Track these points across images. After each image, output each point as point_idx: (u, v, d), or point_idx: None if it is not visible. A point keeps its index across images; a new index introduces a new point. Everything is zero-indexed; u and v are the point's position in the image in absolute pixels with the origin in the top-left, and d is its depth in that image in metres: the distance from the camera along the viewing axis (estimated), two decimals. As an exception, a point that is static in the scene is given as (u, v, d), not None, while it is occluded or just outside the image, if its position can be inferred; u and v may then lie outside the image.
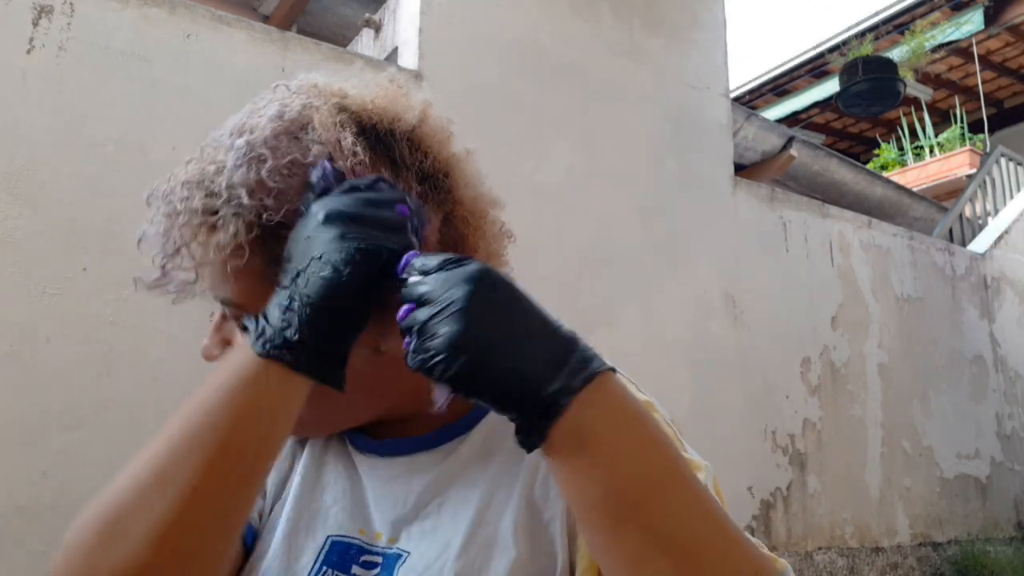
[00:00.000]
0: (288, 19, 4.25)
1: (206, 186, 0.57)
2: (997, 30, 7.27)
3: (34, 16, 1.91)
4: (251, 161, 0.56)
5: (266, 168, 0.55)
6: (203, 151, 0.63)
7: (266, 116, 0.59)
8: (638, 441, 0.47)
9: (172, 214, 0.58)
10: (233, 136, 0.60)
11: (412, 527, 0.59)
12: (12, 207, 1.80)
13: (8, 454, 1.70)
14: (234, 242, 0.53)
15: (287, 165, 0.55)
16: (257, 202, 0.54)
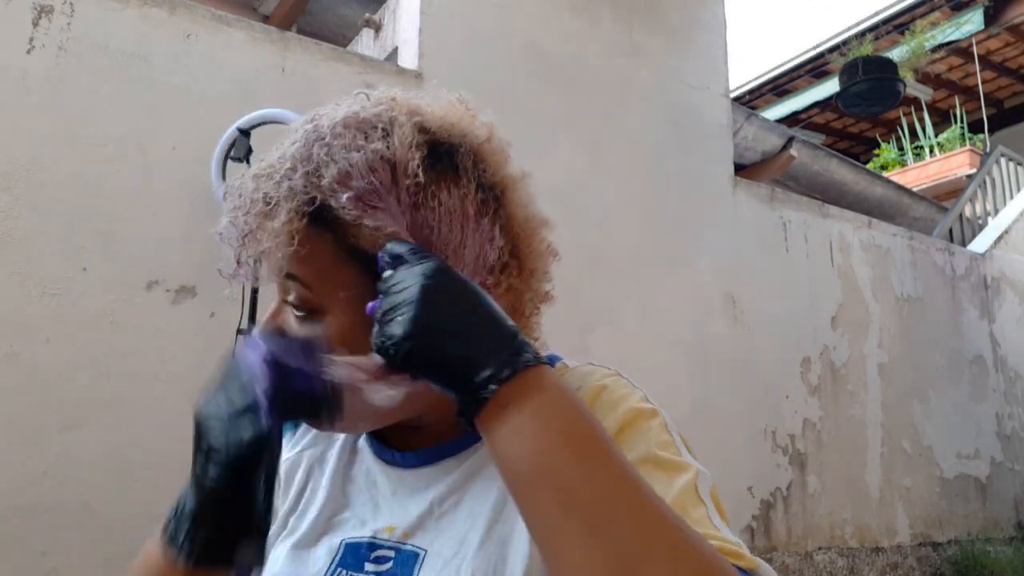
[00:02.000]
0: (288, 19, 4.25)
1: (269, 174, 0.57)
2: (997, 30, 7.27)
3: (34, 16, 1.91)
4: (311, 143, 0.56)
5: (324, 152, 0.56)
6: (279, 147, 0.61)
7: (340, 112, 0.59)
8: (557, 425, 0.47)
9: (239, 206, 0.59)
10: (303, 124, 0.59)
11: (428, 524, 0.60)
12: (12, 207, 1.80)
13: (8, 454, 1.70)
14: (287, 228, 0.55)
15: (349, 153, 0.56)
16: (311, 185, 0.55)
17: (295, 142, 0.58)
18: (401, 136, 0.56)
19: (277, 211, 0.55)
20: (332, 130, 0.56)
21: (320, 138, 0.56)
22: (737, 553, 0.47)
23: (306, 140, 0.57)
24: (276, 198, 0.56)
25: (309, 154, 0.56)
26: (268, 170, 0.58)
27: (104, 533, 1.76)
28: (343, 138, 0.56)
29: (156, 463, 1.83)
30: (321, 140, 0.56)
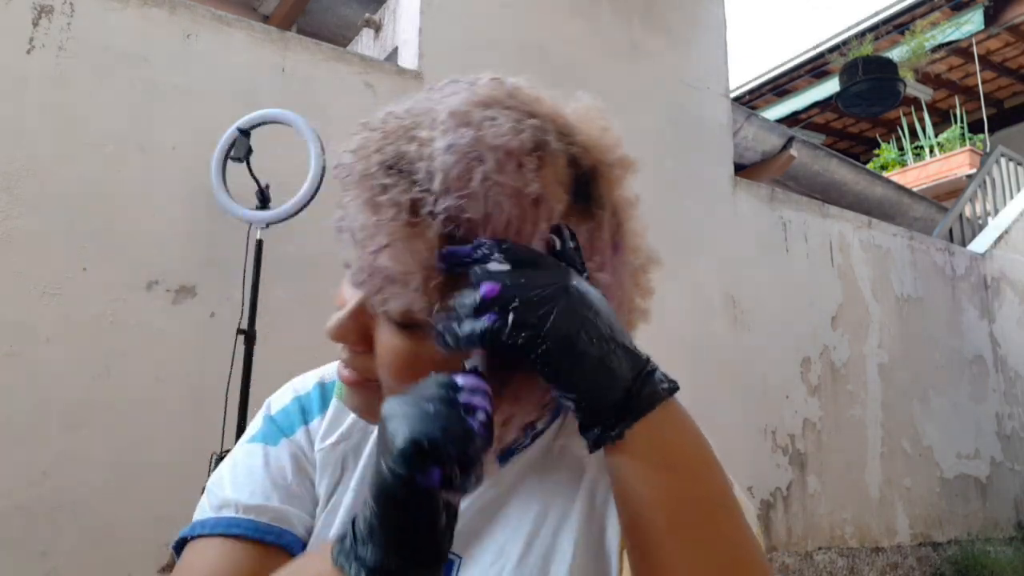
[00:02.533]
0: (288, 19, 4.25)
1: (408, 174, 0.48)
2: (997, 30, 7.27)
3: (34, 16, 1.91)
4: (471, 163, 0.47)
5: (482, 180, 0.47)
6: (392, 118, 0.52)
7: (500, 124, 0.49)
8: (704, 460, 0.49)
9: (371, 203, 0.49)
10: (451, 121, 0.50)
11: (463, 531, 0.58)
12: (12, 207, 1.80)
13: (8, 454, 1.70)
14: (432, 248, 0.47)
15: (504, 198, 0.48)
16: (460, 218, 0.47)
17: (452, 148, 0.48)
18: (554, 173, 0.50)
19: (424, 229, 0.47)
20: (495, 157, 0.48)
21: (480, 160, 0.47)
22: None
23: (466, 158, 0.47)
24: (424, 215, 0.47)
25: (469, 177, 0.47)
26: (397, 158, 0.49)
27: (104, 533, 1.76)
28: (503, 172, 0.48)
29: (156, 463, 1.83)
30: (480, 163, 0.47)
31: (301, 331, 2.05)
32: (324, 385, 0.68)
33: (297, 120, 1.86)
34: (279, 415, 0.66)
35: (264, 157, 1.91)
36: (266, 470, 0.61)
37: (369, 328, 0.53)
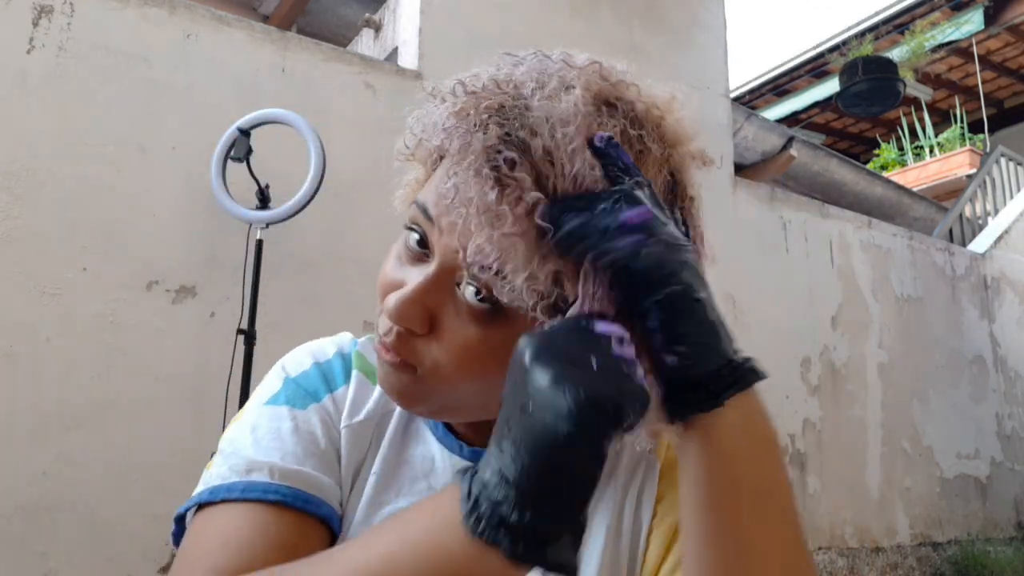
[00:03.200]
0: (288, 19, 4.25)
1: (507, 124, 0.46)
2: (997, 30, 7.27)
3: (34, 16, 1.91)
4: (562, 122, 0.45)
5: (574, 138, 0.45)
6: (498, 73, 0.50)
7: (581, 84, 0.48)
8: (779, 450, 0.48)
9: (493, 181, 0.45)
10: (547, 80, 0.48)
11: None
12: (12, 207, 1.80)
13: (8, 454, 1.70)
14: (526, 210, 0.44)
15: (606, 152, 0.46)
16: (544, 170, 0.45)
17: (554, 95, 0.46)
18: (657, 173, 0.53)
19: (523, 189, 0.44)
20: (593, 112, 0.47)
21: (586, 124, 0.46)
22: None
23: (567, 111, 0.46)
24: (523, 174, 0.44)
25: (571, 133, 0.45)
26: (532, 152, 0.45)
27: (104, 533, 1.76)
28: (603, 127, 0.47)
29: (156, 463, 1.83)
30: (587, 125, 0.46)
31: (301, 331, 2.05)
32: (344, 355, 0.64)
33: (297, 120, 1.86)
34: (301, 378, 0.61)
35: (264, 157, 1.91)
36: (296, 435, 0.56)
37: (434, 311, 0.49)
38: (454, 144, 0.46)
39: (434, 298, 0.48)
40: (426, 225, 0.49)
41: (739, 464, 0.44)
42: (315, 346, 0.65)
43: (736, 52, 3.94)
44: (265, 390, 0.61)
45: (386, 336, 0.51)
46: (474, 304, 0.47)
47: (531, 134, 0.45)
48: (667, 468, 0.58)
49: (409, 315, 0.48)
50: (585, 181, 0.45)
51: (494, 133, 0.45)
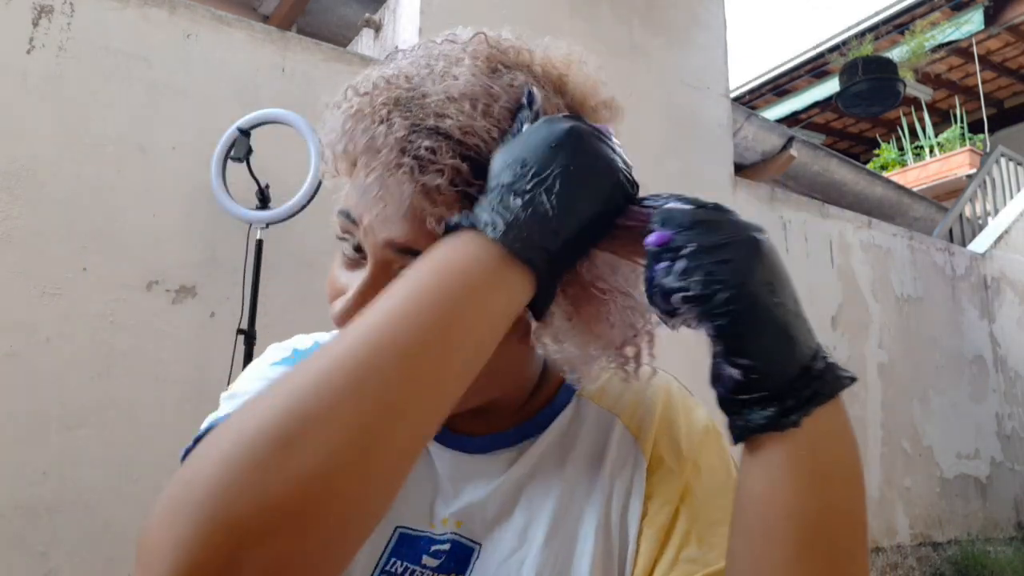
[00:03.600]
0: (288, 19, 4.25)
1: (411, 115, 0.46)
2: (997, 30, 7.27)
3: (34, 16, 1.91)
4: (463, 97, 0.47)
5: (480, 107, 0.47)
6: (385, 70, 0.51)
7: (468, 55, 0.51)
8: (857, 474, 0.43)
9: (373, 143, 0.46)
10: (435, 64, 0.50)
11: (484, 516, 0.57)
12: (12, 207, 1.80)
13: (8, 454, 1.70)
14: (437, 184, 0.45)
15: (502, 106, 0.48)
16: (469, 143, 0.46)
17: (430, 77, 0.49)
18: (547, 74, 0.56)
19: (429, 166, 0.45)
20: (477, 79, 0.50)
21: (470, 95, 0.48)
22: None
23: (447, 87, 0.48)
24: (429, 151, 0.45)
25: (460, 105, 0.47)
26: (396, 101, 0.47)
27: (104, 533, 1.76)
28: (492, 90, 0.49)
29: (156, 463, 1.83)
30: (471, 97, 0.48)
31: (301, 331, 2.05)
32: (304, 351, 0.64)
33: (297, 120, 1.86)
34: (295, 354, 0.61)
35: (264, 157, 1.91)
36: None
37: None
38: (358, 144, 0.47)
39: (373, 296, 0.48)
40: (353, 229, 0.50)
41: (798, 494, 0.40)
42: (295, 338, 0.66)
43: (736, 52, 3.94)
44: (273, 354, 0.62)
45: None
46: None
47: (439, 117, 0.46)
48: (655, 465, 0.57)
49: (351, 316, 0.48)
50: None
51: (399, 125, 0.45)
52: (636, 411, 0.60)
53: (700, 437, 0.59)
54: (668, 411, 0.60)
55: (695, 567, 0.52)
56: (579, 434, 0.59)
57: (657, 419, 0.59)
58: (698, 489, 0.56)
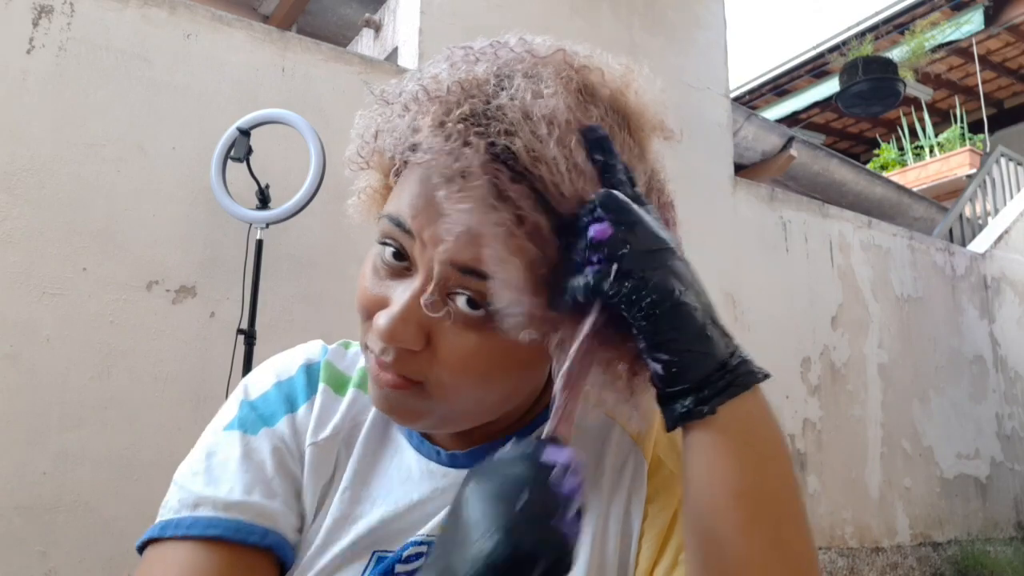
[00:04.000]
0: (288, 19, 4.25)
1: (499, 142, 0.44)
2: (997, 30, 7.27)
3: (34, 16, 1.91)
4: (564, 123, 0.45)
5: (571, 141, 0.46)
6: (457, 71, 0.49)
7: (552, 75, 0.48)
8: (784, 456, 0.47)
9: (455, 166, 0.44)
10: (523, 83, 0.47)
11: None
12: (12, 207, 1.80)
13: (8, 454, 1.70)
14: (527, 229, 0.44)
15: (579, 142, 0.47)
16: (563, 173, 0.45)
17: (524, 98, 0.46)
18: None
19: (520, 199, 0.44)
20: (572, 113, 0.48)
21: (565, 126, 0.47)
22: None
23: (544, 115, 0.46)
24: (520, 189, 0.44)
25: (559, 138, 0.46)
26: (473, 113, 0.45)
27: (104, 533, 1.76)
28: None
29: (156, 463, 1.83)
30: (567, 129, 0.47)
31: (301, 331, 2.05)
32: (311, 367, 0.62)
33: (297, 120, 1.86)
34: (259, 401, 0.60)
35: (264, 157, 1.91)
36: (245, 462, 0.55)
37: (427, 324, 0.47)
38: (439, 161, 0.44)
39: (425, 312, 0.47)
40: (403, 238, 0.48)
41: (734, 472, 0.44)
42: (280, 362, 0.64)
43: (736, 52, 3.94)
44: (223, 414, 0.61)
45: (383, 356, 0.49)
46: (468, 313, 0.47)
47: (508, 135, 0.44)
48: (655, 466, 0.57)
49: (403, 334, 0.47)
50: (579, 183, 0.45)
51: (480, 146, 0.44)
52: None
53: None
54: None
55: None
56: (576, 437, 0.58)
57: (656, 419, 0.58)
58: None
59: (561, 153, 0.45)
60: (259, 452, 0.56)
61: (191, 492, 0.54)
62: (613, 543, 0.54)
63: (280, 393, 0.60)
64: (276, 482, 0.55)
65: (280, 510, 0.54)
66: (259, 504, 0.53)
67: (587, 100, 0.49)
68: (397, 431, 0.61)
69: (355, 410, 0.61)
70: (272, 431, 0.58)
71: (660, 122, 0.56)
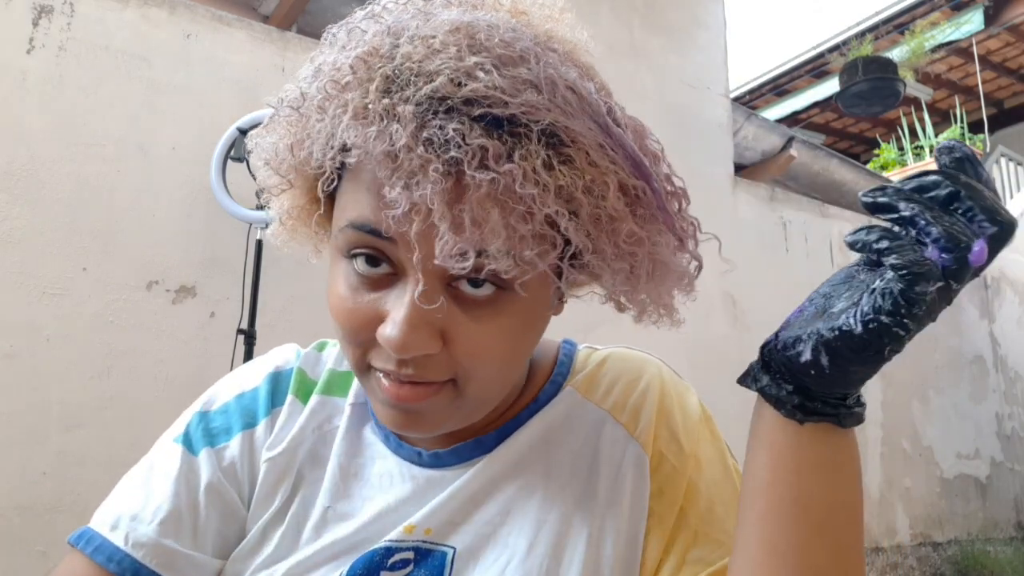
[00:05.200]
0: (288, 19, 4.25)
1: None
2: (997, 30, 7.27)
3: (34, 16, 1.91)
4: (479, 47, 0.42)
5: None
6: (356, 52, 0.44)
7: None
8: (858, 469, 0.47)
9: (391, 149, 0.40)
10: (415, 27, 0.43)
11: (455, 520, 0.53)
12: (12, 207, 1.80)
13: (8, 454, 1.70)
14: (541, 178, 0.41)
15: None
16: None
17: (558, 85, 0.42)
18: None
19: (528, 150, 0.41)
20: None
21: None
22: None
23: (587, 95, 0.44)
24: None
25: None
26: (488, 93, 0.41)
27: (104, 533, 1.76)
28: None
29: (156, 463, 1.83)
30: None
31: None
32: (279, 376, 0.60)
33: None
34: (216, 414, 0.59)
35: (264, 157, 1.91)
36: (177, 483, 0.55)
37: (438, 322, 0.44)
38: (374, 148, 0.40)
39: (434, 314, 0.43)
40: (378, 243, 0.44)
41: (813, 483, 0.43)
42: (247, 371, 0.62)
43: (736, 52, 3.95)
44: (179, 421, 0.61)
45: (402, 370, 0.45)
46: (475, 294, 0.44)
47: (428, 83, 0.41)
48: (657, 461, 0.55)
49: (418, 340, 0.43)
50: (527, 95, 0.41)
51: (407, 113, 0.40)
52: (630, 404, 0.57)
53: (697, 427, 0.57)
54: (665, 401, 0.58)
55: (700, 567, 0.51)
56: (565, 431, 0.56)
57: (655, 412, 0.57)
58: (701, 485, 0.54)
59: (489, 63, 0.40)
60: (196, 475, 0.56)
61: (117, 508, 0.55)
62: (611, 540, 0.52)
63: (239, 406, 0.59)
64: (203, 512, 0.55)
65: (187, 555, 0.54)
66: (169, 549, 0.53)
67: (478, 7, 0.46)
68: (372, 435, 0.58)
69: (320, 418, 0.59)
70: (215, 452, 0.57)
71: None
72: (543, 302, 0.48)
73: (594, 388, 0.59)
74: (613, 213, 0.43)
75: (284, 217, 0.56)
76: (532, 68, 0.41)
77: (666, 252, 0.50)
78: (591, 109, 0.43)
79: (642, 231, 0.46)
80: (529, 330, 0.48)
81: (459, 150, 0.39)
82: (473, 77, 0.40)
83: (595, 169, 0.43)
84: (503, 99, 0.40)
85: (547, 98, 0.41)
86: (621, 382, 0.59)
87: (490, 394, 0.50)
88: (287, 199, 0.54)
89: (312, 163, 0.46)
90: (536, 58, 0.42)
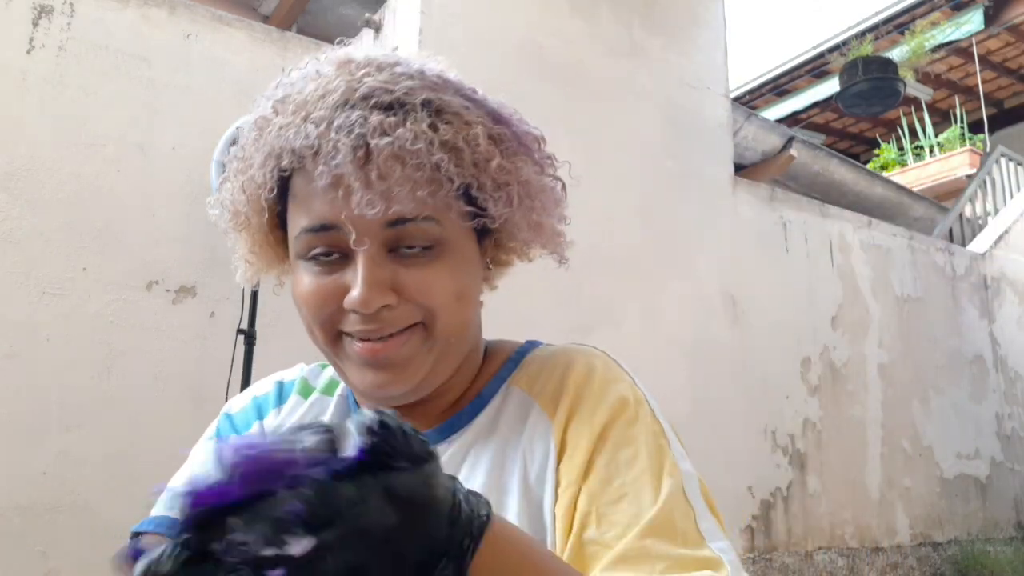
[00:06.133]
0: (288, 19, 4.25)
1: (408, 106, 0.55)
2: (997, 30, 7.27)
3: (34, 16, 1.91)
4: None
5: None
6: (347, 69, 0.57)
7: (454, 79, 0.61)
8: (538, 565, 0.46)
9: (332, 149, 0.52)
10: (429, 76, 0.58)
11: None
12: (12, 207, 1.80)
13: (8, 454, 1.70)
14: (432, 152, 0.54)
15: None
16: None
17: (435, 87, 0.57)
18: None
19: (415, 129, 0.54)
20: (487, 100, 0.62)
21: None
22: (714, 561, 0.50)
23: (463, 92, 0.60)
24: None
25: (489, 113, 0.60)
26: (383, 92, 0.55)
27: (104, 533, 1.76)
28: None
29: (156, 463, 1.83)
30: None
31: (301, 331, 2.05)
32: (283, 383, 0.71)
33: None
34: (238, 415, 0.70)
35: (264, 157, 1.91)
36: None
37: (390, 279, 0.55)
38: (293, 142, 0.53)
39: (384, 272, 0.54)
40: (327, 238, 0.55)
41: None
42: (262, 382, 0.74)
43: (736, 52, 3.95)
44: (211, 427, 0.72)
45: (369, 326, 0.55)
46: (416, 253, 0.55)
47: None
48: (561, 449, 0.58)
49: (378, 294, 0.54)
50: (408, 81, 0.56)
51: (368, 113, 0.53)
52: (554, 393, 0.62)
53: (611, 412, 0.58)
54: (582, 390, 0.60)
55: (595, 547, 0.52)
56: (502, 420, 0.63)
57: (570, 399, 0.60)
58: (601, 466, 0.56)
59: (372, 68, 0.55)
60: None
61: (172, 493, 0.55)
62: (536, 489, 0.58)
63: (255, 405, 0.71)
64: None
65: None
66: None
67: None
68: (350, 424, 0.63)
69: (316, 411, 0.69)
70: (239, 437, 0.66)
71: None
72: (469, 254, 0.59)
73: (532, 381, 0.64)
74: (486, 154, 0.56)
75: (248, 256, 0.64)
76: (404, 65, 0.57)
77: (532, 176, 0.61)
78: (455, 86, 0.59)
79: (509, 163, 0.58)
80: (464, 274, 0.58)
81: (362, 127, 0.52)
82: (363, 82, 0.54)
83: (466, 125, 0.56)
84: (389, 88, 0.54)
85: (419, 82, 0.56)
86: (555, 374, 0.63)
87: (453, 328, 0.58)
88: (247, 236, 0.63)
89: (256, 183, 0.57)
90: (407, 62, 0.58)
